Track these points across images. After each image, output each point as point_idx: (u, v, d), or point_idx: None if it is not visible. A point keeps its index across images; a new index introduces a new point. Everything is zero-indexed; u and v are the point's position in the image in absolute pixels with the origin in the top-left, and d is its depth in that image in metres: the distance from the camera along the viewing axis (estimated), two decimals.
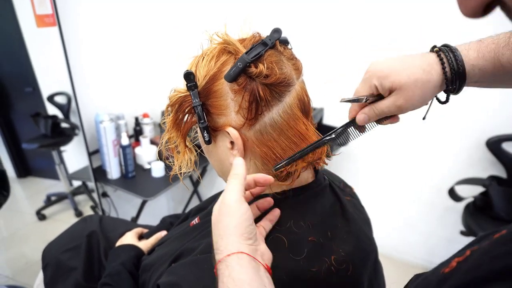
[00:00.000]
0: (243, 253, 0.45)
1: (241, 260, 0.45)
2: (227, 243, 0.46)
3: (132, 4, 1.94)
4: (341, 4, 1.92)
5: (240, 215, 0.48)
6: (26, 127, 2.36)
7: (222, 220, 0.48)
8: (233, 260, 0.44)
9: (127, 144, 1.76)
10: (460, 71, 0.50)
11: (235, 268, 0.44)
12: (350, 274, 0.55)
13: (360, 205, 0.74)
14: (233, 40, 0.57)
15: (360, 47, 1.96)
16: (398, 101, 0.52)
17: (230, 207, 0.49)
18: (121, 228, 1.07)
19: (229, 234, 0.47)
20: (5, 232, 2.44)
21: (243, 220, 0.48)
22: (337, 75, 2.03)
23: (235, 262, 0.44)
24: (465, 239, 1.93)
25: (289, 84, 0.57)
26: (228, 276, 0.43)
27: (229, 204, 0.49)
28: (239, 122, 0.57)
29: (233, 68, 0.53)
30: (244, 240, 0.47)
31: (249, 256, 0.46)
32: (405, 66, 0.51)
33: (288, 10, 2.05)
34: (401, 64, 0.52)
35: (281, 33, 0.58)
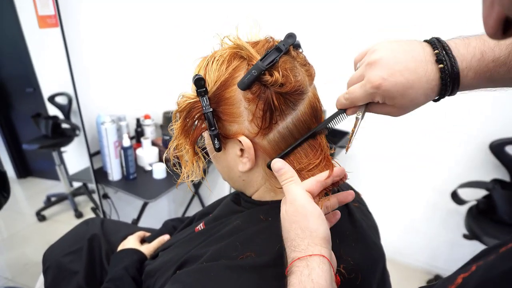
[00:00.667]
0: (325, 258, 0.44)
1: (322, 264, 0.44)
2: (309, 243, 0.45)
3: (134, 5, 1.93)
4: (340, 4, 1.92)
5: (318, 216, 0.47)
6: (27, 128, 2.35)
7: (299, 221, 0.47)
8: (314, 261, 0.43)
9: (128, 145, 1.75)
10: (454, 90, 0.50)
11: (316, 271, 0.43)
12: (359, 284, 0.54)
13: (368, 211, 0.73)
14: (246, 45, 0.55)
15: (360, 47, 1.95)
16: (392, 114, 0.53)
17: (306, 208, 0.48)
18: (123, 231, 1.06)
19: (309, 236, 0.46)
20: (5, 233, 2.43)
21: (322, 221, 0.47)
22: (337, 76, 2.02)
23: (316, 264, 0.43)
24: (468, 242, 1.92)
25: (303, 92, 0.55)
26: (308, 275, 0.42)
27: (304, 205, 0.48)
28: (253, 131, 0.55)
29: (248, 75, 0.52)
30: (325, 243, 0.46)
31: (329, 262, 0.45)
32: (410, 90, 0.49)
33: (288, 10, 2.04)
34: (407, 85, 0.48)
35: (296, 38, 0.56)
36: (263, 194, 0.63)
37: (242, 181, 0.64)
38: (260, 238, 0.56)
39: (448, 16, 1.70)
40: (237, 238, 0.57)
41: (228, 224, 0.64)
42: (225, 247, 0.57)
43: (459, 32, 1.87)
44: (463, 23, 1.69)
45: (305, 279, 0.42)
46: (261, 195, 0.64)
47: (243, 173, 0.61)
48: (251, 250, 0.54)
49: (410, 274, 2.22)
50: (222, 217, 0.70)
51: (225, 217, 0.69)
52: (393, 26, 1.83)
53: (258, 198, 0.64)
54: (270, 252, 0.53)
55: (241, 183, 0.64)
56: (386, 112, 0.53)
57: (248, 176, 0.62)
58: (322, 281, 0.42)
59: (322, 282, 0.42)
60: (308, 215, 0.47)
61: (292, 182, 0.51)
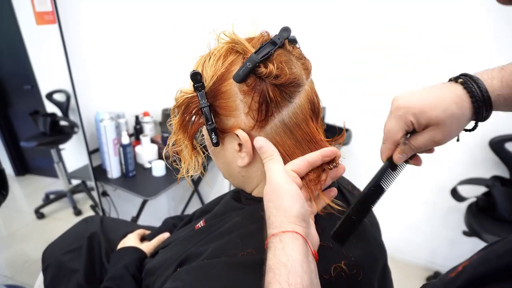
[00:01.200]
0: (298, 234, 0.45)
1: (295, 239, 0.45)
2: (282, 221, 0.46)
3: (132, 2, 1.92)
4: (341, 4, 1.91)
5: (292, 195, 0.48)
6: (25, 125, 2.34)
7: (274, 200, 0.48)
8: (287, 237, 0.45)
9: (127, 143, 1.74)
10: (486, 101, 0.49)
11: (289, 245, 0.44)
12: (361, 280, 0.54)
13: None
14: (241, 39, 0.55)
15: (360, 47, 1.95)
16: (436, 137, 0.50)
17: (280, 188, 0.48)
18: (122, 229, 1.06)
19: (284, 213, 0.47)
20: (4, 231, 2.42)
21: (296, 200, 0.48)
22: (338, 75, 2.02)
23: (289, 239, 0.44)
24: (468, 239, 1.92)
25: (299, 85, 0.55)
26: (282, 249, 0.43)
27: (278, 185, 0.49)
28: (249, 124, 0.55)
29: (242, 68, 0.52)
30: (299, 221, 0.47)
31: (303, 238, 0.45)
32: (437, 101, 0.49)
33: (288, 10, 2.04)
34: (432, 98, 0.50)
35: (290, 32, 0.56)
36: (263, 190, 0.63)
37: (241, 177, 0.63)
38: (260, 235, 0.55)
39: (449, 16, 1.70)
40: (238, 235, 0.57)
41: (228, 221, 0.64)
42: (225, 244, 0.57)
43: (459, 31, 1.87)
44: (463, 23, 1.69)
45: (279, 253, 0.43)
46: (261, 191, 0.63)
47: (242, 168, 0.61)
48: (252, 247, 0.53)
49: (410, 271, 2.22)
50: (222, 214, 0.70)
51: (225, 214, 0.68)
52: (393, 26, 1.83)
53: (258, 194, 0.64)
54: None
55: (241, 179, 0.64)
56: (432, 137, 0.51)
57: (247, 171, 0.62)
58: (295, 254, 0.43)
59: (295, 255, 0.43)
60: (282, 194, 0.48)
61: (271, 161, 0.52)
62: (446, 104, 0.49)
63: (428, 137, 0.51)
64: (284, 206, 0.47)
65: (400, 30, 1.82)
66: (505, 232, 1.65)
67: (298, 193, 0.49)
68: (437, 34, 1.74)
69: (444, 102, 0.49)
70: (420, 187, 2.08)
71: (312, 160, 0.54)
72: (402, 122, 0.51)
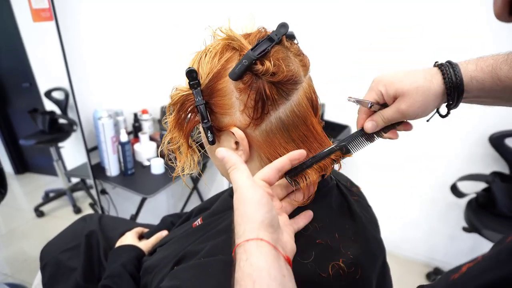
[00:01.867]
0: (262, 240, 0.43)
1: (260, 247, 0.43)
2: (245, 229, 0.44)
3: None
4: (342, 4, 1.90)
5: (257, 201, 0.46)
6: (24, 123, 2.33)
7: (239, 207, 0.47)
8: (252, 246, 0.43)
9: (126, 140, 1.74)
10: (458, 81, 0.53)
11: (254, 254, 0.42)
12: (359, 278, 0.53)
13: (367, 205, 0.72)
14: (237, 36, 0.54)
15: (361, 47, 1.94)
16: (401, 106, 0.54)
17: (243, 194, 0.47)
18: (121, 227, 1.05)
19: (247, 221, 0.45)
20: (3, 229, 2.42)
21: (261, 206, 0.46)
22: (338, 75, 2.02)
23: (254, 248, 0.42)
24: (468, 235, 1.92)
25: (296, 82, 0.55)
26: (246, 260, 0.42)
27: (242, 191, 0.47)
28: (244, 122, 0.55)
29: (238, 65, 0.51)
30: (264, 227, 0.45)
31: (269, 244, 0.43)
32: (408, 75, 0.54)
33: (288, 9, 2.03)
34: (405, 74, 0.55)
35: (288, 28, 0.55)
36: None
37: None
38: None
39: (449, 16, 1.69)
40: None
41: (226, 219, 0.63)
42: (222, 242, 0.57)
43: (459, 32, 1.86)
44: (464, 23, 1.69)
45: (243, 263, 0.41)
46: None
47: None
48: None
49: (410, 267, 2.22)
50: (220, 212, 0.69)
51: (223, 212, 0.68)
52: (394, 26, 1.82)
53: None
54: None
55: None
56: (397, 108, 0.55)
57: None
58: (261, 263, 0.41)
59: (261, 263, 0.41)
60: (246, 201, 0.46)
61: (235, 170, 0.50)
62: (415, 78, 0.54)
63: (394, 108, 0.56)
64: (248, 213, 0.45)
65: (401, 30, 1.81)
66: (505, 228, 1.64)
67: (263, 199, 0.47)
68: (437, 34, 1.74)
69: (414, 77, 0.54)
70: (420, 183, 2.07)
71: (280, 166, 0.53)
72: (373, 92, 0.58)
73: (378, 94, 0.57)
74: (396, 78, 0.55)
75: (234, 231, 0.47)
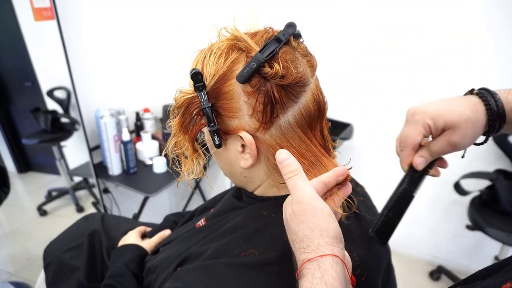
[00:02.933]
0: (338, 257, 0.41)
1: (335, 264, 0.40)
2: (319, 243, 0.42)
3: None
4: (343, 4, 1.89)
5: (328, 214, 0.44)
6: (26, 122, 2.33)
7: (307, 220, 0.43)
8: (327, 262, 0.40)
9: (128, 139, 1.74)
10: (500, 113, 0.49)
11: (329, 272, 0.39)
12: (365, 280, 0.53)
13: (372, 205, 0.72)
14: (244, 36, 0.53)
15: (361, 46, 1.93)
16: (452, 139, 0.51)
17: (314, 207, 0.44)
18: (123, 226, 1.05)
19: (320, 235, 0.42)
20: (6, 228, 2.43)
21: (333, 220, 0.44)
22: (340, 74, 2.01)
23: (329, 265, 0.40)
24: (471, 233, 1.92)
25: (304, 84, 0.53)
26: (320, 278, 0.39)
27: (312, 204, 0.44)
28: (254, 126, 0.53)
29: (246, 68, 0.50)
30: (337, 243, 0.43)
31: (342, 262, 0.41)
32: (453, 106, 0.50)
33: (290, 9, 2.02)
34: (448, 105, 0.51)
35: (296, 28, 0.54)
36: (265, 190, 0.62)
37: (244, 177, 0.62)
38: (262, 235, 0.54)
39: (449, 16, 1.68)
40: (239, 235, 0.56)
41: (230, 221, 0.63)
42: (226, 244, 0.56)
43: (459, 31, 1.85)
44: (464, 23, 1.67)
45: (317, 281, 0.38)
46: (263, 190, 0.62)
47: (245, 169, 0.59)
48: (254, 247, 0.52)
49: (413, 266, 2.22)
50: (223, 213, 0.69)
51: (227, 213, 0.68)
52: (394, 26, 1.81)
53: (260, 193, 0.63)
54: (273, 249, 0.52)
55: (243, 179, 0.63)
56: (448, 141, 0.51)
57: (250, 172, 0.60)
58: (336, 283, 0.38)
59: (336, 284, 0.38)
60: (318, 213, 0.43)
61: (298, 177, 0.47)
62: (461, 109, 0.50)
63: (444, 141, 0.51)
64: (321, 226, 0.43)
65: (401, 30, 1.80)
66: (509, 226, 1.64)
67: (331, 213, 0.45)
68: (438, 33, 1.73)
69: (459, 107, 0.50)
70: (423, 181, 2.07)
71: (327, 180, 0.50)
72: (420, 126, 0.52)
73: (425, 127, 0.51)
74: (442, 109, 0.50)
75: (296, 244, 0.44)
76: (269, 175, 0.59)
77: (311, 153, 0.55)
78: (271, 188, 0.61)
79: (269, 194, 0.62)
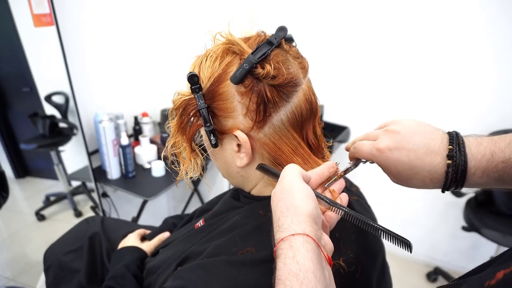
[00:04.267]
0: (309, 237, 0.41)
1: (307, 243, 0.40)
2: (292, 221, 0.42)
3: (130, 3, 1.92)
4: (341, 7, 1.92)
5: (305, 194, 0.45)
6: (24, 127, 2.34)
7: (284, 198, 0.45)
8: (298, 241, 0.41)
9: (126, 143, 1.75)
10: (459, 185, 0.49)
11: (301, 251, 0.40)
12: (359, 276, 0.54)
13: (367, 204, 0.73)
14: (237, 40, 0.55)
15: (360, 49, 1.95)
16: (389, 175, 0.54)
17: (292, 185, 0.46)
18: (123, 229, 1.06)
19: (294, 213, 0.43)
20: (4, 233, 2.42)
21: (310, 199, 0.45)
22: (337, 77, 2.03)
23: (300, 244, 0.40)
24: (467, 234, 1.93)
25: (296, 84, 0.56)
26: (292, 258, 0.39)
27: (291, 183, 0.46)
28: (248, 125, 0.56)
29: (239, 69, 0.52)
30: (310, 222, 0.43)
31: (314, 242, 0.41)
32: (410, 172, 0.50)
33: (288, 12, 2.04)
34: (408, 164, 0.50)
35: (287, 31, 0.56)
36: (261, 189, 0.64)
37: (240, 177, 0.64)
38: (259, 233, 0.56)
39: (448, 15, 1.70)
40: (237, 234, 0.58)
41: (228, 220, 0.64)
42: (225, 242, 0.57)
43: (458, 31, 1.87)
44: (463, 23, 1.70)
45: (289, 261, 0.39)
46: (260, 190, 0.64)
47: (241, 168, 0.61)
48: (251, 245, 0.54)
49: (410, 267, 2.23)
50: (222, 213, 0.70)
51: (225, 213, 0.69)
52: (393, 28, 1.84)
53: (257, 193, 0.65)
54: (270, 247, 0.53)
55: (240, 179, 0.65)
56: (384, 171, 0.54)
57: (245, 171, 0.62)
58: (307, 262, 0.39)
59: (308, 263, 0.39)
60: (294, 191, 0.45)
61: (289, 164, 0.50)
62: (413, 179, 0.50)
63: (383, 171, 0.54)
64: (296, 203, 0.44)
65: (401, 32, 1.82)
66: (504, 226, 1.66)
67: (311, 194, 0.46)
68: (437, 34, 1.75)
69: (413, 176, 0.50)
70: None
71: (320, 172, 0.54)
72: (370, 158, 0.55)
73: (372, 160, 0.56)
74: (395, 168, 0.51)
75: (274, 223, 0.45)
76: (263, 174, 0.61)
77: (304, 150, 0.58)
78: (267, 187, 0.63)
79: (265, 194, 0.64)
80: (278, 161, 0.58)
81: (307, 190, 0.46)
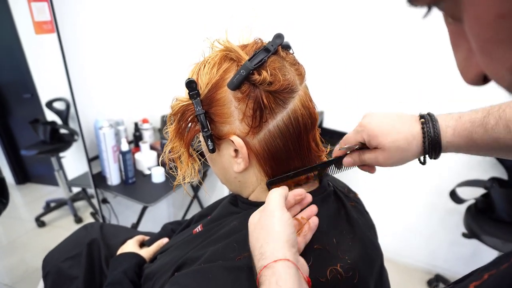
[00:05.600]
0: (290, 261, 0.45)
1: (288, 268, 0.44)
2: (274, 248, 0.46)
3: (130, 10, 1.94)
4: (340, 13, 1.93)
5: (285, 221, 0.49)
6: (25, 134, 2.34)
7: (266, 225, 0.49)
8: (280, 267, 0.44)
9: (127, 150, 1.75)
10: (437, 146, 0.58)
11: (283, 277, 0.43)
12: (357, 282, 0.54)
13: (365, 210, 0.73)
14: (234, 47, 0.56)
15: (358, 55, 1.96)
16: (379, 158, 0.61)
17: (274, 214, 0.50)
18: (122, 235, 1.06)
19: (274, 240, 0.47)
20: (4, 240, 2.42)
21: (288, 226, 0.49)
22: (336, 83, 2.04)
23: (282, 269, 0.44)
24: (467, 241, 1.92)
25: (292, 91, 0.56)
26: (276, 283, 0.42)
27: (273, 211, 0.50)
28: (244, 130, 0.56)
29: (236, 75, 0.53)
30: (289, 247, 0.47)
31: (295, 266, 0.45)
32: (392, 130, 0.59)
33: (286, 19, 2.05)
34: (389, 127, 0.59)
35: (284, 39, 0.57)
36: (259, 195, 0.64)
37: (238, 182, 0.64)
38: None
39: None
40: (234, 239, 0.58)
41: (226, 226, 0.65)
42: (222, 248, 0.58)
43: None
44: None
45: (273, 286, 0.42)
46: (257, 196, 0.64)
47: (238, 173, 0.61)
48: (248, 250, 0.54)
49: (410, 274, 2.22)
50: (220, 219, 0.70)
51: (223, 219, 0.69)
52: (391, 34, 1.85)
53: (255, 199, 0.65)
54: None
55: (237, 185, 0.65)
56: (375, 157, 0.61)
57: (243, 176, 0.62)
58: (289, 285, 0.42)
59: (289, 285, 0.42)
60: (275, 219, 0.49)
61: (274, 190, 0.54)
62: (397, 136, 0.59)
63: (373, 156, 0.62)
64: (276, 230, 0.48)
65: (398, 37, 1.83)
66: (504, 233, 1.65)
67: (290, 220, 0.50)
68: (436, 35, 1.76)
69: (397, 134, 0.59)
70: (419, 190, 2.08)
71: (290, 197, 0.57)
72: (358, 136, 0.63)
73: (361, 139, 0.62)
74: (380, 131, 0.59)
75: (256, 250, 0.48)
76: (260, 180, 0.62)
77: (300, 157, 0.59)
78: (264, 193, 0.63)
79: (263, 199, 0.63)
80: (272, 167, 0.58)
81: (286, 217, 0.50)
